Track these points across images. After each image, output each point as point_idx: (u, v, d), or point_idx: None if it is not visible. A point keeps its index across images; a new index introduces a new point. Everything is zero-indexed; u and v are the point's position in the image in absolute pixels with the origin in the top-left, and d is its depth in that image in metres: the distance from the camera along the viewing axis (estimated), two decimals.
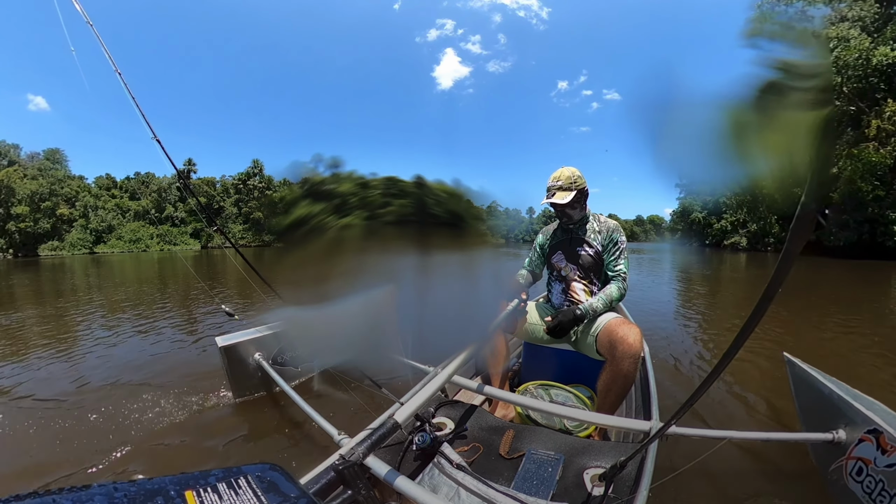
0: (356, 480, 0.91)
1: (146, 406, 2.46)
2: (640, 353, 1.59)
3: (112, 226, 49.83)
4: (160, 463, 1.88)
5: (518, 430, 1.42)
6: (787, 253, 0.60)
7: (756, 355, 3.24)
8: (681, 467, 1.33)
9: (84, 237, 46.87)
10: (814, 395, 1.62)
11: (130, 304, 6.73)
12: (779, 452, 1.78)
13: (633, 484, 1.11)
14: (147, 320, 5.29)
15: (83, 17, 2.14)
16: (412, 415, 1.07)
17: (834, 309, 5.51)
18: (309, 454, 1.89)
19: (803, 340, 3.85)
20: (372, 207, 2.16)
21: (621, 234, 1.93)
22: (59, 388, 2.85)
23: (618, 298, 1.86)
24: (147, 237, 50.58)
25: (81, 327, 4.95)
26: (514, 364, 2.49)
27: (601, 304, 1.81)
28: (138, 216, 53.02)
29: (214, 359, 2.80)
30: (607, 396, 1.62)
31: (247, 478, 0.49)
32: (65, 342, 4.17)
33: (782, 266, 0.61)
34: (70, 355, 3.67)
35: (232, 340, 2.28)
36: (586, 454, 1.28)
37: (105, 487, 0.39)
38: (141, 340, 4.21)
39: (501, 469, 1.27)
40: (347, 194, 2.09)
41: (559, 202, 1.85)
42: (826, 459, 1.47)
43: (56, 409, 2.46)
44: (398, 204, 2.18)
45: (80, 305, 6.69)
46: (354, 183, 2.13)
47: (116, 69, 2.21)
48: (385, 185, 2.25)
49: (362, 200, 2.20)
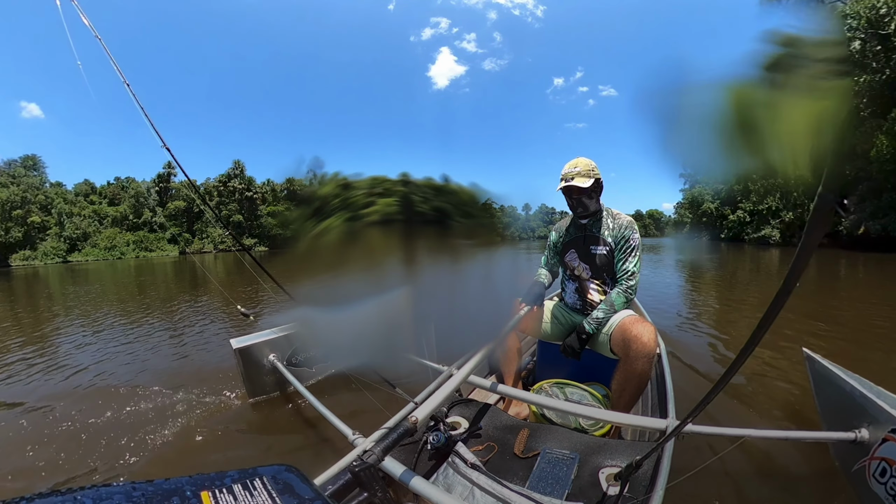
0: (372, 483, 0.93)
1: (162, 406, 2.60)
2: (654, 352, 1.63)
3: (87, 233, 49.57)
4: (175, 463, 1.97)
5: (533, 428, 1.47)
6: (806, 245, 0.60)
7: (775, 351, 3.27)
8: (697, 466, 1.33)
9: (57, 246, 46.57)
10: (835, 392, 1.62)
11: (139, 308, 7.03)
12: (798, 452, 1.81)
13: (648, 483, 1.15)
14: (156, 323, 5.59)
15: (90, 31, 2.24)
16: (429, 416, 1.10)
17: (861, 305, 5.49)
18: (323, 454, 1.96)
19: (824, 336, 3.86)
20: (354, 208, 2.22)
21: (635, 232, 1.93)
22: (77, 387, 3.10)
23: (622, 303, 1.87)
24: (123, 244, 50.34)
25: (82, 331, 5.21)
26: (528, 363, 2.56)
27: (604, 314, 1.84)
28: (116, 222, 52.82)
29: (229, 360, 2.98)
30: (622, 395, 1.67)
31: (262, 479, 0.51)
32: (67, 344, 4.50)
33: (800, 258, 0.61)
34: (83, 357, 3.95)
35: (246, 342, 2.38)
36: (602, 453, 1.32)
37: (124, 487, 0.42)
38: (157, 342, 4.47)
39: (516, 468, 1.32)
40: (329, 196, 2.14)
41: (580, 185, 1.84)
42: (848, 460, 1.47)
43: (76, 410, 2.62)
44: (383, 203, 2.24)
45: (66, 313, 6.70)
46: (336, 185, 2.18)
47: (125, 81, 2.33)
48: (370, 185, 2.31)
49: (344, 202, 2.27)
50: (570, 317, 2.10)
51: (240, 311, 2.77)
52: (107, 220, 52.59)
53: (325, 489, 0.93)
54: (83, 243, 48.81)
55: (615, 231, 1.95)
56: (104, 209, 53.43)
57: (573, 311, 2.12)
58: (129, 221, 53.08)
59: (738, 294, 7.06)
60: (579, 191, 1.88)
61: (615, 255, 1.94)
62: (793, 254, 0.62)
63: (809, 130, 0.56)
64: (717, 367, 3.12)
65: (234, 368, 2.55)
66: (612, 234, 1.96)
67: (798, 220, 24.77)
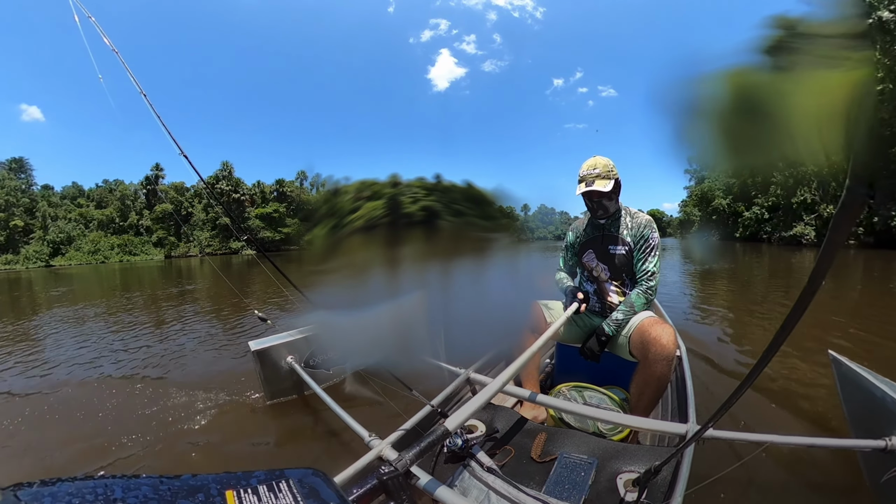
0: (400, 491, 0.92)
1: (178, 406, 2.73)
2: (673, 355, 1.64)
3: (72, 237, 49.63)
4: (189, 462, 2.07)
5: (550, 432, 1.49)
6: (831, 242, 0.59)
7: (800, 353, 3.26)
8: (718, 473, 1.35)
9: (40, 249, 46.59)
10: (864, 397, 1.60)
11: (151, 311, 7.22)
12: (824, 459, 1.81)
13: (667, 490, 1.16)
14: (168, 324, 5.81)
15: (102, 39, 2.34)
16: (462, 423, 1.09)
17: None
18: (339, 455, 2.03)
19: (852, 338, 3.81)
20: (340, 214, 2.27)
21: (653, 231, 1.93)
22: (101, 382, 3.32)
23: (642, 304, 1.88)
24: (107, 248, 50.40)
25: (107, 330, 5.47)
26: (546, 365, 2.59)
27: (623, 315, 1.85)
28: (102, 226, 52.91)
29: (247, 362, 3.10)
30: (641, 398, 1.69)
31: (288, 482, 0.52)
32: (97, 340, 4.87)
33: (825, 256, 0.60)
34: (104, 354, 4.23)
35: (265, 344, 2.45)
36: (620, 458, 1.33)
37: (152, 479, 0.43)
38: (174, 344, 4.63)
39: (533, 473, 1.33)
40: (319, 204, 2.19)
41: (602, 189, 1.82)
42: (877, 469, 1.46)
43: (100, 405, 2.82)
44: (369, 207, 2.28)
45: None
46: (326, 192, 2.23)
47: (142, 91, 2.45)
48: (358, 189, 2.35)
49: (331, 208, 2.31)
50: (590, 319, 2.11)
51: (257, 316, 2.82)
52: (93, 223, 52.70)
53: (349, 493, 0.92)
54: (67, 247, 48.86)
55: (634, 230, 1.96)
56: (90, 212, 53.60)
57: (592, 313, 2.12)
58: (116, 225, 53.16)
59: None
60: (600, 195, 1.89)
61: (634, 254, 1.95)
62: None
63: (830, 112, 0.52)
64: (741, 368, 3.12)
65: (252, 370, 2.65)
66: (630, 233, 1.96)
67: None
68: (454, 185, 2.47)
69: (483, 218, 2.50)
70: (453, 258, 2.61)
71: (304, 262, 3.25)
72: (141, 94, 2.44)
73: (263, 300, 7.57)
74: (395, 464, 0.92)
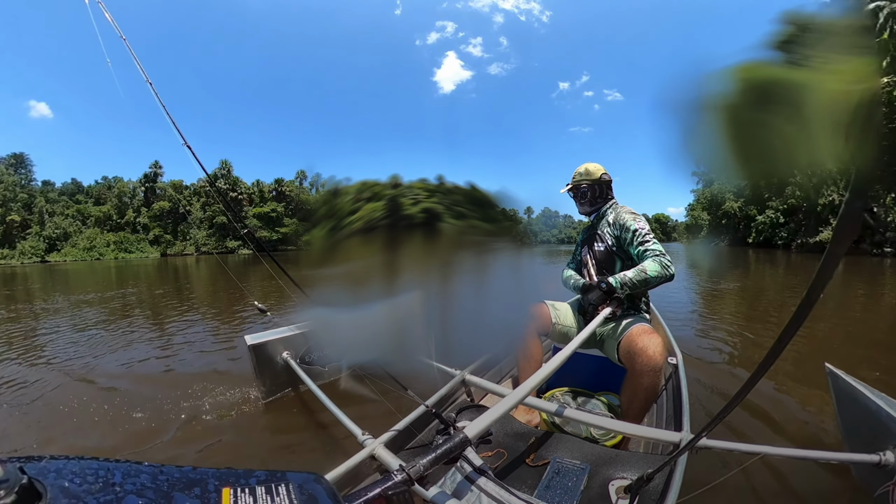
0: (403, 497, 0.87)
1: (171, 399, 2.79)
2: (660, 366, 1.67)
3: (68, 233, 50.01)
4: (175, 456, 2.12)
5: (544, 437, 1.53)
6: (831, 255, 0.60)
7: (796, 365, 3.28)
8: (710, 482, 1.37)
9: (36, 245, 46.96)
10: (859, 411, 1.62)
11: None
12: (818, 472, 1.83)
13: (659, 498, 1.19)
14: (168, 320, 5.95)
15: (111, 28, 2.39)
16: (482, 433, 1.08)
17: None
18: (332, 453, 2.06)
19: (849, 351, 3.83)
20: (339, 216, 2.30)
21: (635, 220, 1.94)
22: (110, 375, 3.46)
23: (655, 273, 1.80)
24: (103, 244, 50.76)
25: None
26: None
27: (634, 275, 1.82)
28: (99, 222, 53.31)
29: (242, 357, 3.18)
30: (631, 406, 1.72)
31: (287, 485, 0.51)
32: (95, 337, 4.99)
33: (825, 269, 0.61)
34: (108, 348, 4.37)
35: (260, 339, 2.49)
36: (613, 464, 1.37)
37: (153, 468, 0.44)
38: (168, 340, 4.74)
39: (525, 476, 1.37)
40: (318, 205, 2.24)
41: (571, 185, 2.13)
42: (871, 483, 1.48)
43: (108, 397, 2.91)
44: (368, 209, 2.30)
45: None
46: (326, 193, 2.26)
47: (148, 80, 2.47)
48: (358, 190, 2.38)
49: (330, 209, 2.34)
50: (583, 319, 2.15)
51: (256, 307, 2.84)
52: (90, 219, 53.11)
53: (354, 498, 0.91)
54: (63, 243, 49.21)
55: (613, 225, 2.03)
56: (88, 209, 54.03)
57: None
58: (113, 221, 53.54)
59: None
60: (577, 190, 2.15)
61: (624, 248, 1.98)
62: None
63: (838, 118, 0.51)
64: (740, 377, 3.15)
65: (246, 365, 2.68)
66: (610, 229, 2.04)
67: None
68: (457, 187, 2.50)
69: (486, 220, 2.54)
70: (453, 260, 2.65)
71: (301, 264, 3.25)
72: (147, 83, 2.48)
73: (261, 298, 7.63)
74: (407, 470, 0.87)
